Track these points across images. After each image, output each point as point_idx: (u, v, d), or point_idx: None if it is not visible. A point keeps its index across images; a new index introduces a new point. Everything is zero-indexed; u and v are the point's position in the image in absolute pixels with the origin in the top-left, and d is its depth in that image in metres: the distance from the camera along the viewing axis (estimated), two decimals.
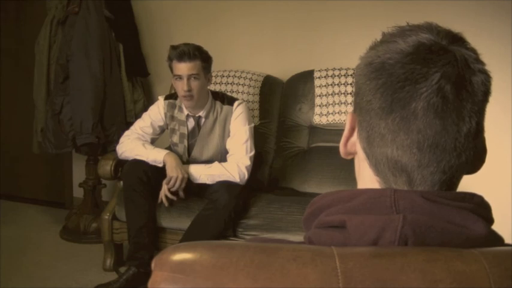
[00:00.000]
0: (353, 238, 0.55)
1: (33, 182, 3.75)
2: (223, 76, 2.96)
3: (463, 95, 0.57)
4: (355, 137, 0.66)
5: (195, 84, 2.37)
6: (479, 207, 0.57)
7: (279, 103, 2.91)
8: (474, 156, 0.60)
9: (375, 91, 0.59)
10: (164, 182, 2.37)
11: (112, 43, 2.99)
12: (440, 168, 0.59)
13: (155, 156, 2.41)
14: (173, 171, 2.35)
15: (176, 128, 2.55)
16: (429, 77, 0.56)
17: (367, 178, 0.64)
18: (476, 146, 0.60)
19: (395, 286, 0.48)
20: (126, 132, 2.57)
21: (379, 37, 0.64)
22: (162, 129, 2.60)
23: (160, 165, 2.40)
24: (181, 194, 2.40)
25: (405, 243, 0.53)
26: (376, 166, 0.62)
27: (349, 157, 0.69)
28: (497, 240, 0.58)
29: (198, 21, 3.22)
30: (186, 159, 2.53)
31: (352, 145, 0.67)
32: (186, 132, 2.53)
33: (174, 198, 2.39)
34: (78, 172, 3.51)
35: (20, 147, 3.62)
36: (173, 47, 2.39)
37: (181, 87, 2.37)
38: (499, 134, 2.62)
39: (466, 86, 0.58)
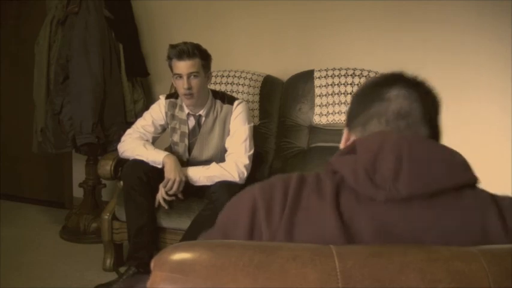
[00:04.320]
0: (360, 154, 0.74)
1: (33, 182, 3.75)
2: (223, 76, 2.96)
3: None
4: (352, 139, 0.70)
5: (195, 82, 2.37)
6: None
7: (279, 103, 2.91)
8: None
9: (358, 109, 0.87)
10: (161, 185, 2.37)
11: (112, 43, 2.98)
12: None
13: (155, 157, 2.41)
14: (171, 173, 2.34)
15: (177, 127, 2.55)
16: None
17: None
18: None
19: (395, 286, 0.48)
20: (128, 131, 2.56)
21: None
22: (163, 128, 2.60)
23: (160, 166, 2.39)
24: (180, 196, 2.40)
25: (400, 159, 0.69)
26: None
27: None
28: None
29: (198, 21, 3.22)
30: (187, 159, 2.53)
31: None
32: (187, 131, 2.53)
33: (173, 198, 2.39)
34: (78, 172, 3.51)
35: (20, 147, 3.62)
36: (172, 46, 2.39)
37: (181, 85, 2.37)
38: (499, 134, 2.61)
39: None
